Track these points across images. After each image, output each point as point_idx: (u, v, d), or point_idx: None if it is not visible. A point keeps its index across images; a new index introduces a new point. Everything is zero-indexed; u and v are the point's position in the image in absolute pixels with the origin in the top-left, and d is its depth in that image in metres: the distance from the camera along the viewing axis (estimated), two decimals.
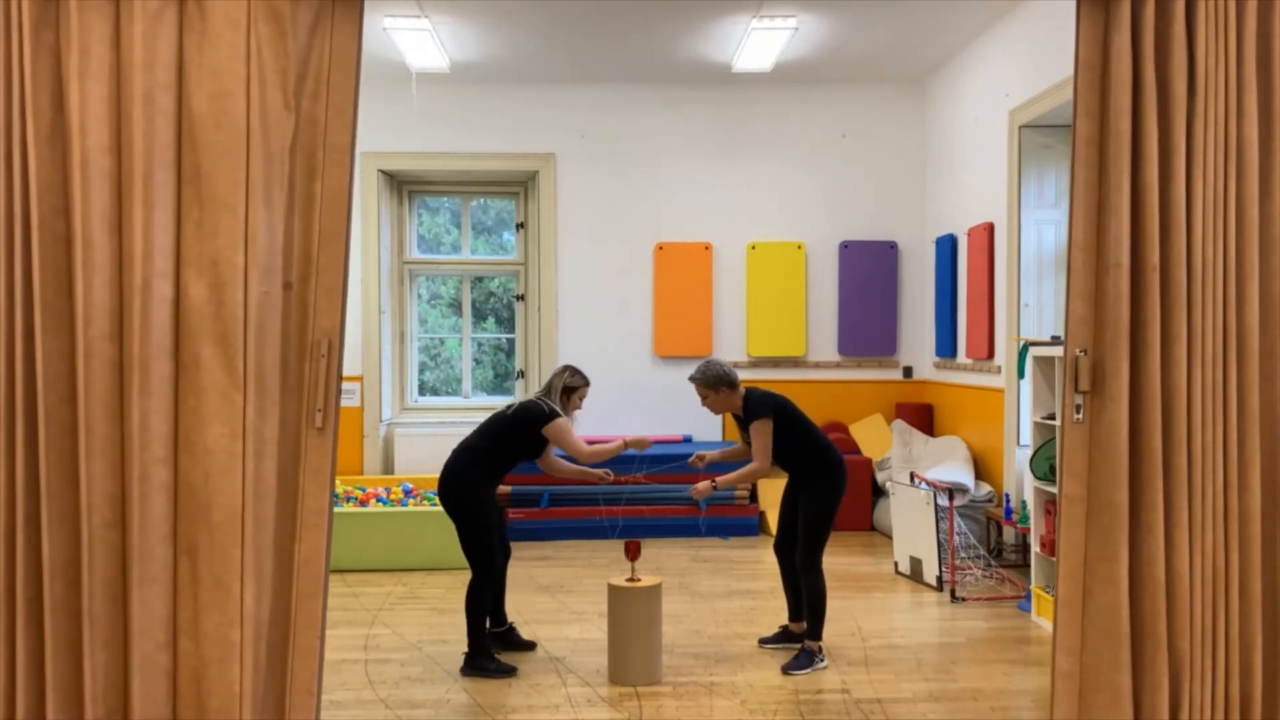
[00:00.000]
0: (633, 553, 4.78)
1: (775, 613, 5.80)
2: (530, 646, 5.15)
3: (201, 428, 3.17)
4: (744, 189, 8.82)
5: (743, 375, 8.72)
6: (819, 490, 4.89)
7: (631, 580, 4.74)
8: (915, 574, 6.54)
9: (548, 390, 5.07)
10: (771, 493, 8.05)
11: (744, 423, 4.97)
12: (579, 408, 5.13)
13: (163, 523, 3.18)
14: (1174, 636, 3.33)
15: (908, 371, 8.87)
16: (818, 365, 8.85)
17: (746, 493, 8.16)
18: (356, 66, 3.27)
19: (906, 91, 8.88)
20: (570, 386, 5.05)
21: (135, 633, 3.15)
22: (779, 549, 5.18)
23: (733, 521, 7.99)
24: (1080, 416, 3.33)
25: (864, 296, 8.82)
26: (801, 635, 5.00)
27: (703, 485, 4.91)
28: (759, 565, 7.04)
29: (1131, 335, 3.34)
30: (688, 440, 8.63)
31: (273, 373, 3.23)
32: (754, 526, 8.03)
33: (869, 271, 8.82)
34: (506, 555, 5.18)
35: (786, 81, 8.62)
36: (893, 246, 8.84)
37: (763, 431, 4.84)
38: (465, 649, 4.92)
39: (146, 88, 3.16)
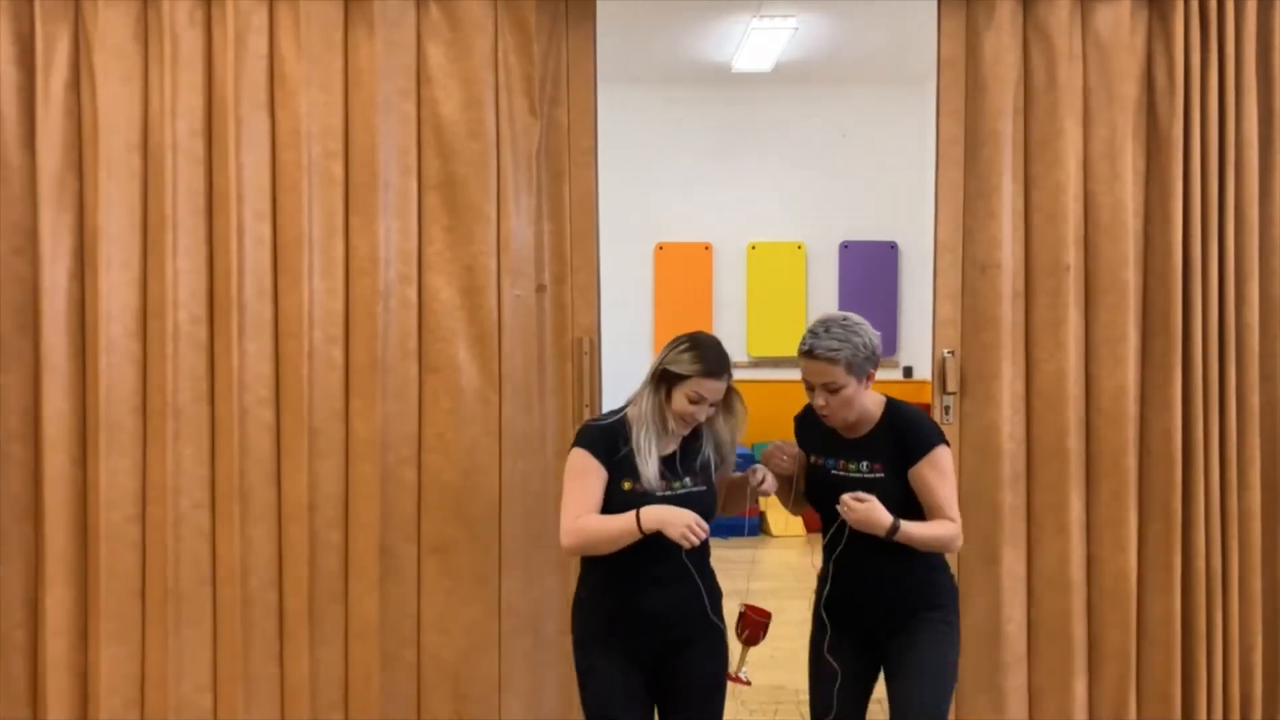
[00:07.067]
0: None
1: (776, 613, 5.79)
2: None
3: (459, 428, 3.23)
4: (744, 189, 8.81)
5: (742, 375, 8.70)
6: (942, 645, 2.74)
7: None
8: None
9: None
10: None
11: (881, 451, 2.73)
12: (689, 410, 2.76)
13: (408, 521, 3.23)
14: (1114, 637, 3.31)
15: (908, 371, 8.86)
16: None
17: None
18: (593, 66, 3.35)
19: (906, 91, 8.87)
20: (670, 372, 2.77)
21: (378, 629, 3.21)
22: None
23: (731, 521, 7.98)
24: (949, 418, 3.34)
25: (864, 296, 8.81)
26: None
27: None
28: (759, 565, 7.04)
29: (1030, 337, 3.32)
30: None
31: (528, 373, 3.29)
32: (754, 526, 8.03)
33: (869, 271, 8.81)
34: None
35: (786, 81, 8.61)
36: (893, 246, 8.84)
37: (950, 471, 2.72)
38: None
39: (386, 94, 3.18)
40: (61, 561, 3.22)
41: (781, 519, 8.01)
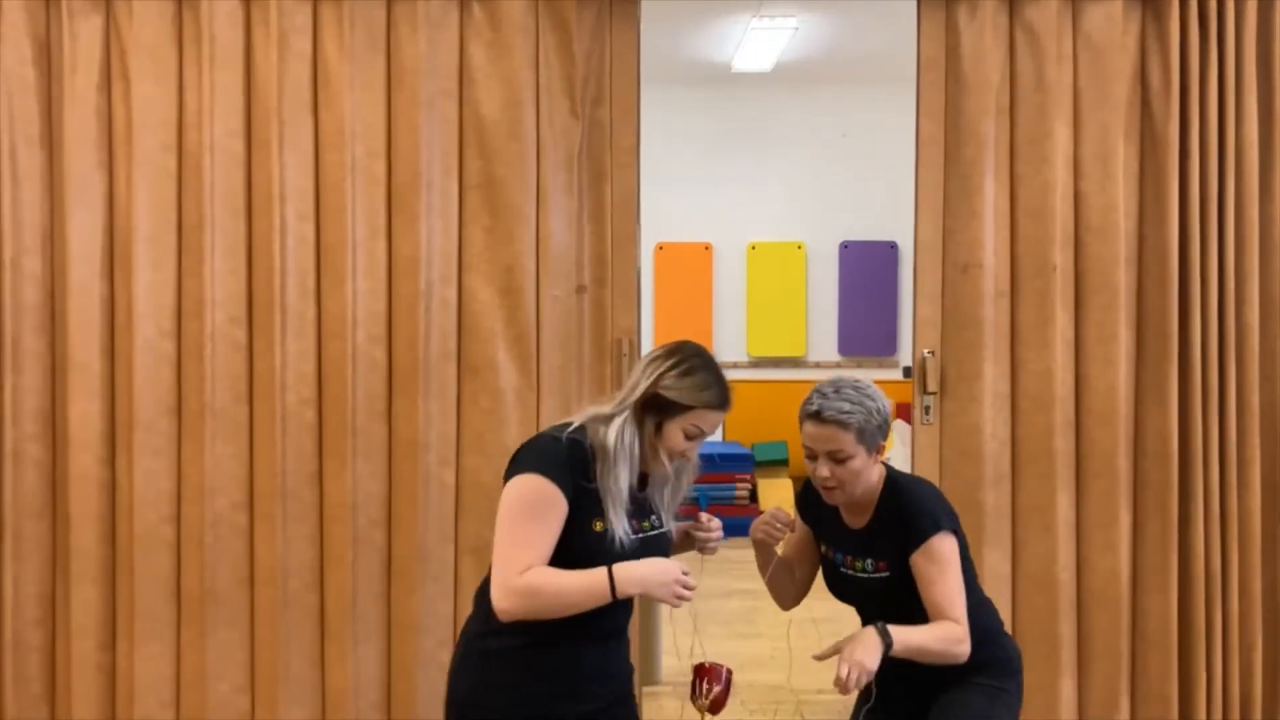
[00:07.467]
0: None
1: (776, 613, 5.79)
2: None
3: (497, 428, 3.25)
4: (744, 189, 8.81)
5: (742, 375, 8.71)
6: (985, 702, 2.43)
7: None
8: None
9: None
10: (773, 496, 8.00)
11: (884, 546, 2.44)
12: (683, 446, 2.27)
13: (445, 522, 3.25)
14: (1104, 637, 3.31)
15: (908, 371, 8.85)
16: (818, 365, 8.84)
17: (747, 493, 8.13)
18: (637, 66, 3.35)
19: (907, 91, 8.85)
20: (666, 400, 2.22)
21: (417, 630, 3.23)
22: None
23: (731, 521, 7.97)
24: (929, 418, 3.35)
25: (864, 296, 8.82)
26: None
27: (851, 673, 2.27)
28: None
29: (1016, 337, 3.34)
30: None
31: (566, 374, 3.31)
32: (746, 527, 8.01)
33: (869, 271, 8.82)
34: None
35: (786, 81, 8.61)
36: (893, 246, 8.83)
37: (951, 562, 2.39)
38: None
39: (429, 94, 3.20)
40: (87, 561, 3.21)
41: None
